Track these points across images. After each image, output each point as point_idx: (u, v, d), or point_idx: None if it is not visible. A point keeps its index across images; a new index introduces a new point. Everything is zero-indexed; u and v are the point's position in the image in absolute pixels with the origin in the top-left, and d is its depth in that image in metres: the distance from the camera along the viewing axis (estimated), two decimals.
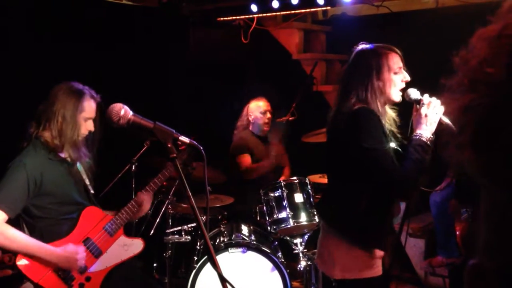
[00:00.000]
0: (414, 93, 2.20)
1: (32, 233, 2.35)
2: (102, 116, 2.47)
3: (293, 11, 4.45)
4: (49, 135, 2.39)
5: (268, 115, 4.05)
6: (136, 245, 2.65)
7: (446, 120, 2.12)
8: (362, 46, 2.25)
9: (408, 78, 2.21)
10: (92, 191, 2.59)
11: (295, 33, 4.85)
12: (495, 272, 0.35)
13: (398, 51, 2.22)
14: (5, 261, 2.29)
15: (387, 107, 2.27)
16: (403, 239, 3.34)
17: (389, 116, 2.29)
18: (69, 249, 2.34)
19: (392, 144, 2.21)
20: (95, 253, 2.47)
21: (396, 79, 2.18)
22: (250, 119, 4.09)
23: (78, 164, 2.52)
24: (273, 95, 4.20)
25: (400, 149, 2.22)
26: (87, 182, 2.57)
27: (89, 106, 2.46)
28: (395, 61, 2.18)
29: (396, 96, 2.20)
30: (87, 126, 2.48)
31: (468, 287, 0.38)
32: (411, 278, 4.25)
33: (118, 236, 2.57)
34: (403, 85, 2.21)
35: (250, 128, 4.12)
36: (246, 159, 4.01)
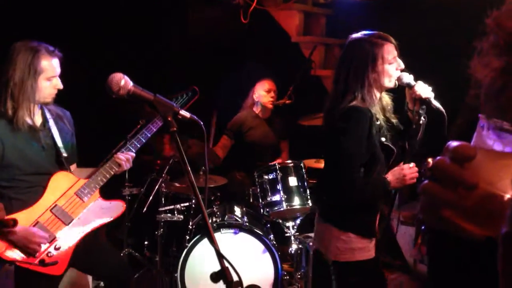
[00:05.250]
0: (406, 77, 2.24)
1: (0, 200, 2.25)
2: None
3: None
4: (7, 103, 2.25)
5: (272, 94, 4.06)
6: (115, 208, 2.50)
7: (437, 104, 2.21)
8: (355, 35, 2.24)
9: (402, 66, 2.24)
10: (65, 154, 2.43)
11: (295, 15, 4.78)
12: None
13: (393, 40, 2.22)
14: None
15: (383, 93, 2.32)
16: (394, 227, 3.36)
17: (385, 100, 2.34)
18: (30, 231, 2.24)
19: (383, 139, 2.26)
20: (65, 220, 2.36)
21: (391, 69, 2.21)
22: (255, 97, 4.11)
23: (51, 126, 2.40)
24: (271, 77, 4.17)
25: (390, 145, 2.28)
26: (60, 144, 2.42)
27: (50, 65, 2.30)
28: (390, 51, 2.19)
29: (392, 84, 2.24)
30: (54, 85, 2.33)
31: (503, 256, 0.36)
32: (401, 265, 4.28)
33: (93, 200, 2.43)
34: (398, 73, 2.23)
35: (254, 108, 4.13)
36: (222, 141, 4.07)
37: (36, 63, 2.26)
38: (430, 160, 0.53)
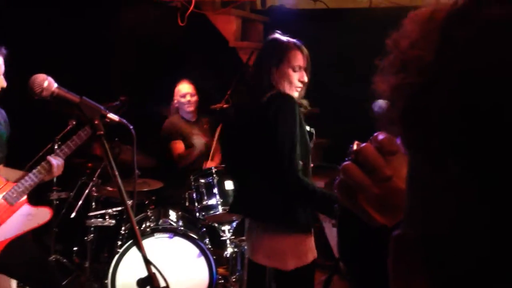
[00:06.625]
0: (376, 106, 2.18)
1: None
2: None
3: None
4: None
5: (188, 97, 4.01)
6: (42, 214, 2.47)
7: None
8: (275, 35, 2.31)
9: (305, 80, 2.26)
10: None
11: (233, 20, 4.82)
12: (419, 242, 0.37)
13: (305, 51, 2.27)
14: None
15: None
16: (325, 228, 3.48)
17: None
18: None
19: (307, 127, 2.30)
20: None
21: (293, 76, 2.23)
22: (176, 104, 4.06)
23: None
24: (208, 81, 4.17)
25: (311, 130, 2.33)
26: None
27: None
28: (297, 58, 2.24)
29: (292, 91, 2.24)
30: None
31: (393, 257, 0.39)
32: (331, 266, 4.43)
33: (20, 205, 2.37)
34: (300, 84, 2.26)
35: (180, 112, 4.09)
36: (179, 145, 3.98)
37: None
38: (356, 143, 0.57)
